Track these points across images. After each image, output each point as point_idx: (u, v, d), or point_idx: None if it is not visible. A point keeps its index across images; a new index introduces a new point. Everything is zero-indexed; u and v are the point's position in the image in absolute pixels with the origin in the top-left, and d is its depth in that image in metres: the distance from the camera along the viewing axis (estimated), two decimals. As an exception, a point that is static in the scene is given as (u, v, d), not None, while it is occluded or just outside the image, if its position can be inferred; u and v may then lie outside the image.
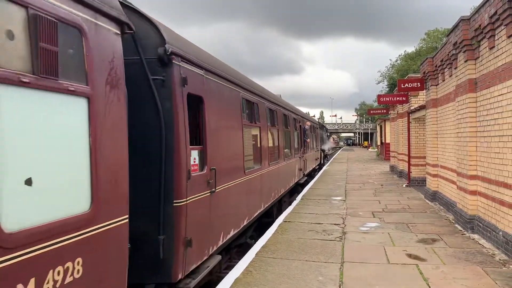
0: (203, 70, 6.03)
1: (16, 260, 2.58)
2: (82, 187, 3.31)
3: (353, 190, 16.36)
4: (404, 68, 52.79)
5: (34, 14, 2.79)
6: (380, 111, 35.34)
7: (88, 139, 3.36)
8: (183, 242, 5.12)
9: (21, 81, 2.68)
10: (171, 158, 4.99)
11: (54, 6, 3.00)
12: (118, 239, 3.74)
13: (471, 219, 8.97)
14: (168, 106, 4.99)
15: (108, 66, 3.66)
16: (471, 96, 9.10)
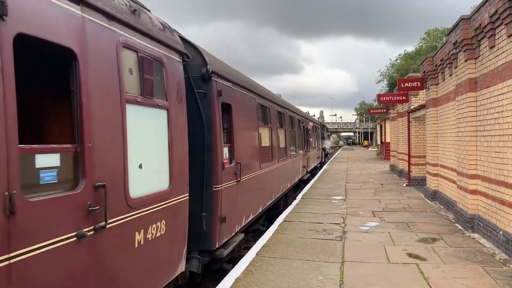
0: (231, 83, 7.46)
1: (135, 216, 4.05)
2: (165, 172, 4.80)
3: (353, 190, 16.36)
4: (404, 67, 52.76)
5: (141, 56, 4.28)
6: (380, 110, 35.32)
7: (168, 138, 4.84)
8: (219, 219, 6.51)
9: (136, 100, 4.17)
10: (211, 153, 6.38)
11: (150, 48, 4.47)
12: (183, 210, 5.28)
13: (471, 218, 8.97)
14: (208, 113, 6.39)
15: (177, 86, 5.15)
16: (471, 96, 9.09)
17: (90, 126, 3.42)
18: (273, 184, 11.01)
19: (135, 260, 4.11)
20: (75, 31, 3.31)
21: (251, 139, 8.80)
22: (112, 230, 3.69)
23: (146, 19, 4.57)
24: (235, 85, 7.73)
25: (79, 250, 3.26)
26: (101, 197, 3.50)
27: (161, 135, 4.77)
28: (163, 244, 4.69)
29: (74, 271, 3.20)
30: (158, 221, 4.52)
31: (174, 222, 4.96)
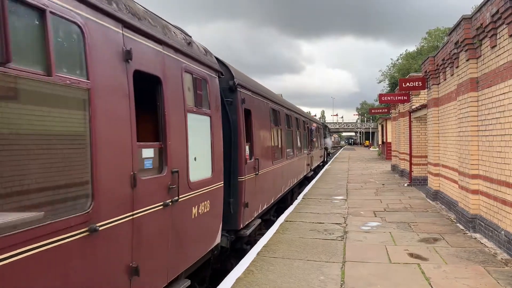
0: (250, 92, 8.89)
1: (193, 195, 5.48)
2: (209, 164, 6.27)
3: (354, 190, 16.35)
4: (405, 67, 52.66)
5: (194, 77, 5.73)
6: (381, 110, 35.25)
7: (210, 138, 6.30)
8: (243, 204, 7.91)
9: (193, 110, 5.62)
10: (237, 150, 7.74)
11: (199, 70, 5.93)
12: (220, 194, 6.69)
13: (473, 218, 8.95)
14: (235, 117, 7.78)
15: (215, 97, 6.62)
16: (472, 95, 9.08)
17: (169, 130, 4.84)
18: (282, 179, 12.40)
19: (192, 227, 5.59)
20: (160, 64, 4.76)
21: (266, 139, 10.26)
22: (180, 204, 5.10)
23: (195, 48, 6.10)
24: (253, 94, 9.22)
25: (163, 215, 4.70)
26: (176, 179, 4.94)
27: (206, 136, 6.25)
28: (208, 219, 6.14)
29: (161, 226, 4.70)
30: (205, 200, 5.97)
31: (215, 203, 6.41)
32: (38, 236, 2.85)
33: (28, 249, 2.77)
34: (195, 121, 5.67)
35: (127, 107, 4.00)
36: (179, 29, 5.86)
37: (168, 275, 4.89)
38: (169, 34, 5.22)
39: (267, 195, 10.25)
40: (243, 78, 8.72)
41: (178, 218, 5.09)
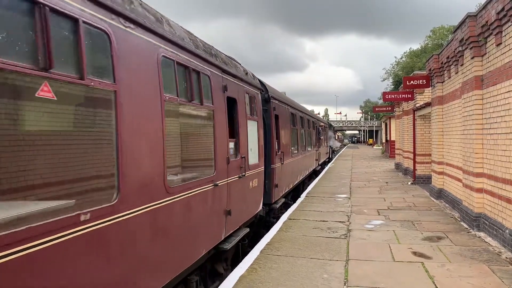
0: (278, 101, 11.67)
1: (250, 174, 8.15)
2: (257, 153, 8.81)
3: (358, 188, 16.32)
4: (409, 65, 52.51)
5: (250, 96, 8.50)
6: (385, 108, 35.17)
7: (257, 136, 8.89)
8: (274, 185, 10.63)
9: (249, 117, 8.31)
10: (270, 145, 10.38)
11: (252, 91, 8.68)
12: (262, 175, 9.31)
13: (477, 217, 8.91)
14: (268, 122, 10.44)
15: (259, 108, 9.27)
16: (477, 93, 9.03)
17: (240, 131, 7.58)
18: (298, 169, 15.11)
19: (249, 195, 8.33)
20: (235, 90, 7.50)
21: (287, 137, 13.01)
22: (245, 178, 7.87)
23: (249, 75, 8.93)
24: (280, 102, 12.07)
25: (238, 183, 7.44)
26: (243, 162, 7.67)
27: (255, 134, 8.88)
28: (256, 191, 8.88)
29: (238, 190, 7.42)
30: (255, 178, 8.72)
31: (259, 181, 9.12)
32: (195, 186, 5.50)
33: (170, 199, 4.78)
34: (250, 125, 8.38)
35: (225, 118, 6.81)
36: (238, 62, 8.53)
37: (241, 220, 7.84)
38: (237, 69, 7.99)
39: (288, 181, 12.99)
40: (274, 91, 11.63)
41: (244, 187, 7.89)
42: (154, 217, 4.41)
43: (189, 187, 5.26)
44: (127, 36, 4.06)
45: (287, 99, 14.25)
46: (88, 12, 3.47)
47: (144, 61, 4.36)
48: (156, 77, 4.53)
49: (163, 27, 4.87)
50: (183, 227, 5.18)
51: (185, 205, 5.19)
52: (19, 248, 2.70)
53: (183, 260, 5.21)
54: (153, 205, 4.38)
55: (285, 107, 12.98)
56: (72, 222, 3.17)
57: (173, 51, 4.99)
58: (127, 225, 3.92)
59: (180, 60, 5.15)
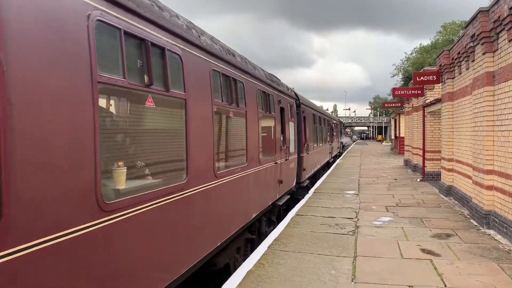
0: (304, 105, 14.96)
1: (290, 159, 11.91)
2: (293, 145, 12.70)
3: (366, 184, 16.26)
4: (419, 61, 52.04)
5: (290, 104, 12.44)
6: (394, 104, 34.98)
7: (294, 132, 12.81)
8: (302, 169, 13.88)
9: (290, 120, 12.19)
10: (300, 139, 13.71)
11: (291, 100, 12.77)
12: (296, 161, 13.01)
13: (487, 214, 8.83)
14: (299, 122, 13.71)
15: (295, 112, 13.25)
16: (488, 90, 8.92)
17: (285, 129, 11.19)
18: (318, 159, 19.11)
19: (290, 173, 11.82)
20: (285, 102, 11.34)
21: (311, 133, 16.41)
22: (288, 161, 11.37)
23: (290, 90, 13.00)
24: (306, 106, 15.55)
25: (285, 164, 11.02)
26: (287, 150, 11.25)
27: (292, 132, 12.41)
28: (293, 171, 12.49)
29: (285, 168, 11.07)
30: (292, 162, 12.26)
31: (295, 164, 12.69)
32: (268, 161, 9.24)
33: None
34: (290, 125, 12.09)
35: (279, 121, 10.58)
36: (277, 78, 11.77)
37: (287, 188, 11.54)
38: (283, 87, 11.93)
39: (311, 167, 16.47)
40: (302, 98, 15.08)
41: (287, 167, 11.42)
42: (255, 174, 8.05)
43: (267, 161, 9.09)
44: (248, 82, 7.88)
45: (311, 103, 18.51)
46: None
47: (250, 91, 7.91)
48: (254, 100, 8.23)
49: (259, 73, 8.97)
50: (263, 185, 8.76)
51: (264, 170, 8.88)
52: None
53: (263, 204, 8.87)
54: (254, 169, 7.99)
55: (310, 110, 16.59)
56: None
57: (261, 85, 8.86)
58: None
59: (262, 89, 8.95)
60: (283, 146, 10.77)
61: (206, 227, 5.54)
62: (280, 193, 10.58)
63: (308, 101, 17.33)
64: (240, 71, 7.33)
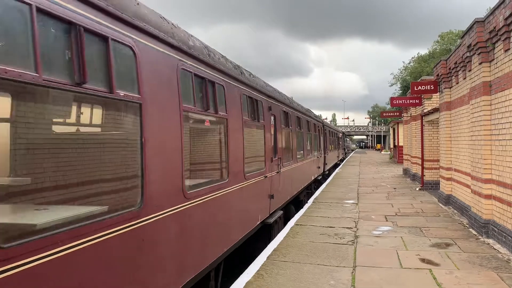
0: (327, 126, 27.24)
1: (329, 155, 27.18)
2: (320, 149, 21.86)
3: (365, 194, 16.26)
4: (417, 70, 52.38)
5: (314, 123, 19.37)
6: (393, 113, 35.09)
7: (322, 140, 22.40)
8: (324, 163, 23.08)
9: (309, 131, 17.32)
10: (325, 146, 23.98)
11: (318, 121, 21.44)
12: (323, 158, 22.62)
13: (486, 223, 8.84)
14: (322, 136, 22.53)
15: (320, 128, 22.10)
16: (485, 99, 8.98)
17: (327, 140, 25.35)
18: (332, 158, 29.72)
19: (311, 167, 17.46)
20: (319, 126, 22.04)
21: (330, 142, 27.61)
22: (308, 161, 16.54)
23: (318, 116, 24.15)
24: (324, 125, 24.98)
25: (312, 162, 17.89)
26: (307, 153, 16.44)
27: (318, 140, 20.71)
28: (315, 165, 18.89)
29: (329, 157, 25.52)
30: (315, 158, 19.03)
31: (320, 160, 21.33)
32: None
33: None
34: (312, 135, 17.97)
35: (322, 136, 22.81)
36: (306, 108, 18.04)
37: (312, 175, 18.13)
38: (318, 117, 22.55)
39: (330, 162, 26.68)
40: (323, 121, 25.59)
41: (308, 165, 16.44)
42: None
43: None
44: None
45: (329, 124, 31.23)
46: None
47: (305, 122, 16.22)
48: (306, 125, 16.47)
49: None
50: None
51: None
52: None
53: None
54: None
55: (330, 129, 28.76)
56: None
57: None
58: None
59: (308, 119, 16.12)
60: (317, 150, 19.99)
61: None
62: (318, 174, 19.89)
63: (328, 123, 29.70)
64: (297, 111, 14.28)
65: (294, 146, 13.08)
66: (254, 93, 8.40)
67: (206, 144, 6.55)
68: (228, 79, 6.73)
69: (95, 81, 3.40)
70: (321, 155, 21.44)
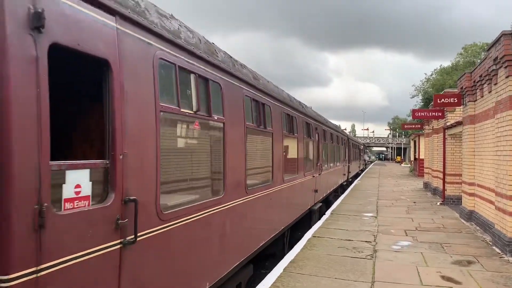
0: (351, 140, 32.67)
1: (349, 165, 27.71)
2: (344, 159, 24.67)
3: (384, 207, 15.99)
4: (439, 82, 51.66)
5: (341, 137, 23.41)
6: (414, 126, 34.60)
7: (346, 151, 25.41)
8: (347, 171, 25.77)
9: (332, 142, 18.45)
10: (349, 156, 27.48)
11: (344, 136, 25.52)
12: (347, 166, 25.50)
13: (511, 241, 8.56)
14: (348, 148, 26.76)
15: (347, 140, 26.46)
16: (511, 113, 8.74)
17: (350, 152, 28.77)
18: (356, 167, 35.09)
19: (339, 173, 20.86)
20: (349, 142, 29.42)
21: (353, 153, 31.47)
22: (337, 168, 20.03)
23: (350, 135, 39.22)
24: (351, 140, 30.91)
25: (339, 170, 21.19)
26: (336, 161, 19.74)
27: (344, 151, 23.78)
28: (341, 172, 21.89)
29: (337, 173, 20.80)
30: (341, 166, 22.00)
31: (345, 168, 24.17)
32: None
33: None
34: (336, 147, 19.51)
35: (351, 149, 29.91)
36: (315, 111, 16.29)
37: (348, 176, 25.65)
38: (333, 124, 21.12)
39: (352, 171, 29.73)
40: (348, 135, 30.25)
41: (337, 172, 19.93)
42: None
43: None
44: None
45: (352, 137, 38.19)
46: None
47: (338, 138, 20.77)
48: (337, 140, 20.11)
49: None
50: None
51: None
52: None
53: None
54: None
55: (351, 141, 30.73)
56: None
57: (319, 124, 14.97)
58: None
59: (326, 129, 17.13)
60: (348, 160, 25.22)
61: None
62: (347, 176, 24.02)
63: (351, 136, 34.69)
64: (330, 128, 17.53)
65: (329, 156, 16.90)
66: (309, 119, 12.33)
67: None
68: (296, 112, 10.39)
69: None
70: (346, 164, 24.43)
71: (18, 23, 2.49)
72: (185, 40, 4.51)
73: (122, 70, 3.35)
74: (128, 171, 3.40)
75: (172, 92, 4.31)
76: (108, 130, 3.23)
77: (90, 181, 3.07)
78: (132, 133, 3.48)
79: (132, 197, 3.40)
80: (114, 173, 3.24)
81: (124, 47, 3.41)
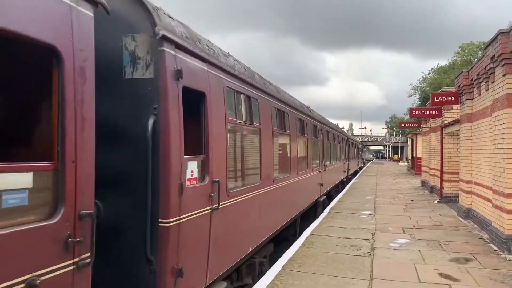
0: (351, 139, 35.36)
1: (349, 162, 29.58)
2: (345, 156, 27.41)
3: (382, 205, 16.03)
4: (436, 81, 51.78)
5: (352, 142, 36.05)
6: (411, 124, 34.69)
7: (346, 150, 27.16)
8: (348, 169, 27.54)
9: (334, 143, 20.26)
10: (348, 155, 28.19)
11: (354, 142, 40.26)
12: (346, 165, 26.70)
13: (508, 239, 8.60)
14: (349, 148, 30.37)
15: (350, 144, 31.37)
16: (509, 111, 8.78)
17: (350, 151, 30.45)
18: (355, 164, 38.55)
19: (340, 170, 22.60)
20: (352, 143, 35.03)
21: (352, 152, 32.89)
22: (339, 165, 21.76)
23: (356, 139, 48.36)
24: (350, 139, 33.14)
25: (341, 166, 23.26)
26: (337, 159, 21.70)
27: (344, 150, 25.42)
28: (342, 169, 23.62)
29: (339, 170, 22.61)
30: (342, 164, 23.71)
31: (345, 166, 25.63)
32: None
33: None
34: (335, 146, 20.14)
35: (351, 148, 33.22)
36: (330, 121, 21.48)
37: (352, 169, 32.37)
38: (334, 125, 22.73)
39: (351, 169, 30.79)
40: (348, 134, 33.39)
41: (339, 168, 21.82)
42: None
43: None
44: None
45: (352, 137, 40.34)
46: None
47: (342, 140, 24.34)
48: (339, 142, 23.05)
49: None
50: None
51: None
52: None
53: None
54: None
55: (351, 140, 31.63)
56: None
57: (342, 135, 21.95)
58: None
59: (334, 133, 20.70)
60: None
61: None
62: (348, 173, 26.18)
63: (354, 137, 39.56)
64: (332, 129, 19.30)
65: (331, 153, 18.34)
66: (315, 122, 14.09)
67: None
68: (305, 117, 12.10)
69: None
70: (346, 161, 26.13)
71: (172, 76, 4.17)
72: (238, 70, 6.24)
73: (211, 98, 4.98)
74: (213, 162, 5.03)
75: (232, 108, 5.99)
76: (203, 137, 4.89)
77: (197, 168, 4.77)
78: (215, 137, 5.08)
79: (216, 179, 5.06)
80: (207, 163, 4.94)
81: (211, 83, 5.06)
